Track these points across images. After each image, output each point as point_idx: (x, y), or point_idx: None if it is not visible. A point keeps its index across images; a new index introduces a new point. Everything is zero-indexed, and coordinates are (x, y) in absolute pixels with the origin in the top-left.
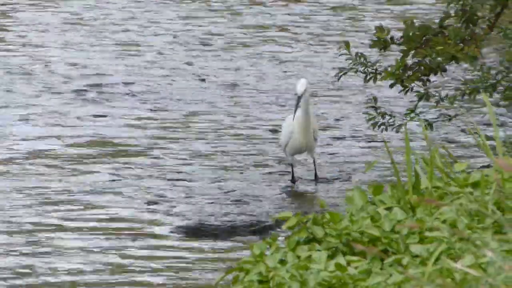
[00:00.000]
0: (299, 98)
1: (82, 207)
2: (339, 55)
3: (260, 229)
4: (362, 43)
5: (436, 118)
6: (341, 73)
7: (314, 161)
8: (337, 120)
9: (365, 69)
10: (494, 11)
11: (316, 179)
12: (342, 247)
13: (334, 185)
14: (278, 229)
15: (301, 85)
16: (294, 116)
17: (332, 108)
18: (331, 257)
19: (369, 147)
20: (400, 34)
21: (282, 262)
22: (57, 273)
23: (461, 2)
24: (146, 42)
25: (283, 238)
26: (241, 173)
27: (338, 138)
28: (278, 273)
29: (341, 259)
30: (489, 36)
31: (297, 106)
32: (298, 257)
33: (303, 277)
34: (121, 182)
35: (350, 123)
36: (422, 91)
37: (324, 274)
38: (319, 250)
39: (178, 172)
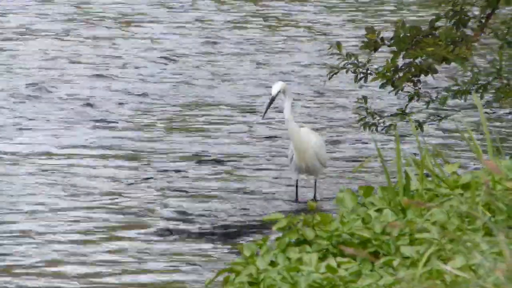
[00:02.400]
0: (273, 98)
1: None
2: (330, 55)
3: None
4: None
5: (427, 119)
6: (332, 73)
7: (315, 183)
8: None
9: (356, 70)
10: (484, 12)
11: (314, 200)
12: (332, 248)
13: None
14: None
15: (275, 86)
16: (263, 115)
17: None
18: (322, 259)
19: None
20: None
21: (273, 263)
22: None
23: (451, 3)
24: None
25: (274, 239)
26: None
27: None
28: (268, 275)
29: (331, 261)
30: (480, 37)
31: (268, 106)
32: (289, 258)
33: (293, 279)
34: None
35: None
36: (413, 92)
37: (315, 276)
38: (309, 252)
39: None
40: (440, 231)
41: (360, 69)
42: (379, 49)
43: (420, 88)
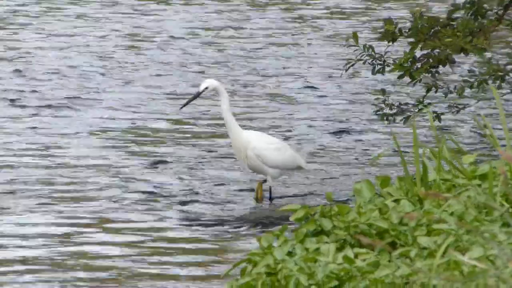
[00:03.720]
0: (197, 94)
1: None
2: (347, 47)
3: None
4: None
5: (445, 110)
6: (349, 65)
7: (269, 188)
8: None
9: (373, 61)
10: (502, 3)
11: (270, 200)
12: (350, 239)
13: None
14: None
15: (204, 83)
16: (182, 107)
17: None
18: (339, 249)
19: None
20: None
21: (290, 254)
22: None
23: None
24: None
25: (292, 230)
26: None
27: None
28: (286, 265)
29: (349, 252)
30: (498, 28)
31: (189, 100)
32: (306, 249)
33: (311, 269)
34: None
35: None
36: (431, 83)
37: (332, 267)
38: (327, 243)
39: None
40: (457, 222)
41: (378, 60)
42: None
43: (437, 79)
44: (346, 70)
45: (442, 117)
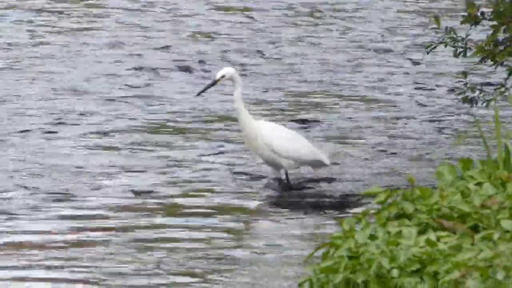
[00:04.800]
0: (214, 82)
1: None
2: (430, 29)
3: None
4: None
5: None
6: (431, 47)
7: (287, 178)
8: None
9: (455, 44)
10: None
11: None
12: (432, 222)
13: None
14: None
15: (221, 71)
16: (198, 93)
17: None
18: (421, 232)
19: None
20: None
21: (372, 237)
22: None
23: None
24: None
25: (373, 213)
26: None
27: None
28: (368, 249)
29: (431, 235)
30: None
31: (205, 88)
32: (388, 232)
33: (393, 253)
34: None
35: None
36: None
37: (414, 250)
38: (409, 226)
39: None
40: None
41: (459, 43)
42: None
43: None
44: (428, 53)
45: None
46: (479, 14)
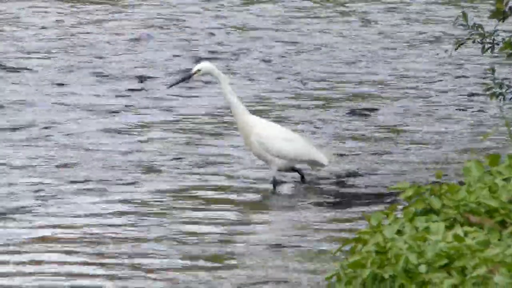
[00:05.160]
0: (188, 75)
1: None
2: (457, 26)
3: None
4: None
5: None
6: (459, 44)
7: (273, 179)
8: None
9: (483, 40)
10: None
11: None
12: (459, 218)
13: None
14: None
15: (197, 65)
16: (170, 85)
17: None
18: (448, 228)
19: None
20: None
21: (400, 233)
22: None
23: None
24: None
25: (401, 209)
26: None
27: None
28: (395, 244)
29: (458, 230)
30: None
31: (178, 81)
32: (416, 228)
33: (420, 248)
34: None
35: None
36: None
37: (442, 245)
38: (436, 221)
39: None
40: None
41: (487, 39)
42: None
43: None
44: (456, 49)
45: None
46: (507, 9)
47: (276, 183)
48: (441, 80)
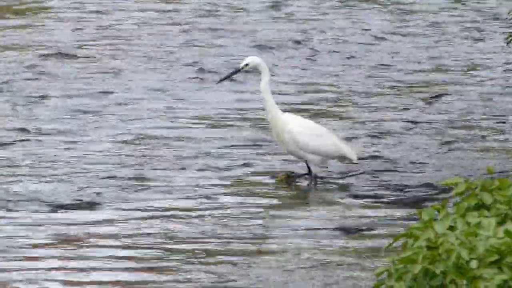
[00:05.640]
0: (237, 69)
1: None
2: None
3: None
4: None
5: None
6: (510, 38)
7: (312, 174)
8: None
9: None
10: None
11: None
12: (511, 213)
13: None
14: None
15: (246, 59)
16: (219, 81)
17: None
18: (500, 223)
19: None
20: None
21: (451, 228)
22: None
23: None
24: None
25: (452, 204)
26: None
27: None
28: (447, 239)
29: (510, 226)
30: None
31: (228, 76)
32: (467, 223)
33: (472, 244)
34: None
35: None
36: None
37: (493, 241)
38: (488, 217)
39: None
40: None
41: None
42: None
43: None
44: (508, 44)
45: None
46: None
47: (315, 178)
48: None
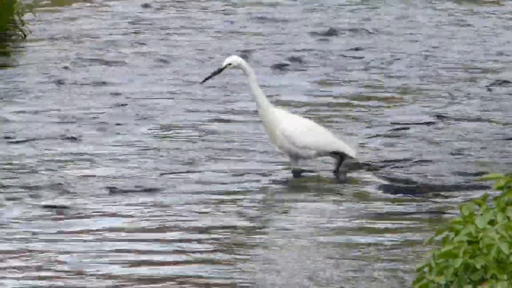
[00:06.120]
0: (219, 70)
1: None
2: None
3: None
4: None
5: None
6: None
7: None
8: None
9: None
10: None
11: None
12: None
13: None
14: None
15: (228, 59)
16: (203, 81)
17: None
18: None
19: None
20: None
21: (492, 222)
22: None
23: None
24: None
25: (493, 199)
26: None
27: None
28: (487, 234)
29: None
30: None
31: (210, 76)
32: (508, 217)
33: None
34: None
35: None
36: None
37: None
38: None
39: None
40: None
41: None
42: None
43: None
44: None
45: None
46: None
47: (297, 173)
48: None
